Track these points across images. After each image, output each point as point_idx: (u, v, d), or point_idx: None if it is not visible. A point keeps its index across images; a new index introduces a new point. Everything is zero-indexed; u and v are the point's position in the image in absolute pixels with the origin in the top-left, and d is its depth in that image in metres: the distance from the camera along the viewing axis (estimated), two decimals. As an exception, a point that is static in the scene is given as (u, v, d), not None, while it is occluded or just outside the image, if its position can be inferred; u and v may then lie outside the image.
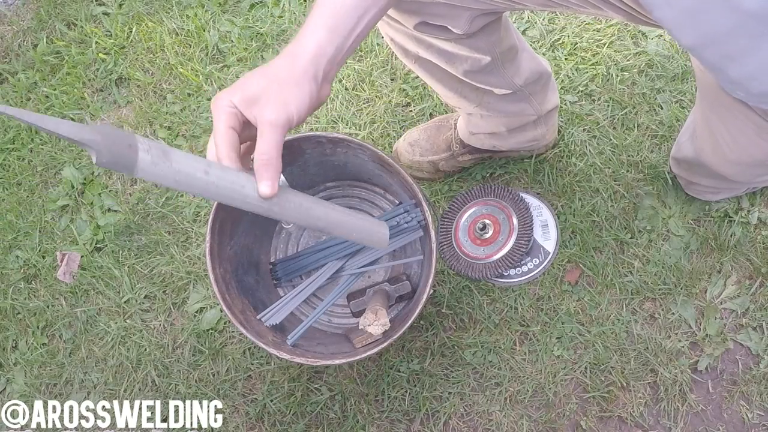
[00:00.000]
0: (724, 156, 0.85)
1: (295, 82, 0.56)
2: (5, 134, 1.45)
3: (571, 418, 1.09)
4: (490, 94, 0.98)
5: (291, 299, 1.06)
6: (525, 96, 1.01)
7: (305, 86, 0.56)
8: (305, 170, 1.05)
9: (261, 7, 1.46)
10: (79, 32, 1.52)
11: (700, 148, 0.93)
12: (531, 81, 0.99)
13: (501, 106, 1.02)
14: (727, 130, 0.80)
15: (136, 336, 1.23)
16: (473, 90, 0.98)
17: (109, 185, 1.37)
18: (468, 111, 1.06)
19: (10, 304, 1.30)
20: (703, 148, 0.92)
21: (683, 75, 1.25)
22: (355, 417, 1.13)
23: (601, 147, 1.22)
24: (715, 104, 0.80)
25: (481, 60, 0.87)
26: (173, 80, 1.43)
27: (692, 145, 0.96)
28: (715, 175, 0.94)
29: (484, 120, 1.07)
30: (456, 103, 1.03)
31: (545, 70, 1.02)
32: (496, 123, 1.07)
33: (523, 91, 0.99)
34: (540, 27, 1.32)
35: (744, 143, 0.79)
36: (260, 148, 0.54)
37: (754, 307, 1.11)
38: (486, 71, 0.91)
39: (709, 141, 0.87)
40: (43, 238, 1.35)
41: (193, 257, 1.27)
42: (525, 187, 1.22)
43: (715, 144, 0.85)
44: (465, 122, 1.13)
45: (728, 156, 0.84)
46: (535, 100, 1.03)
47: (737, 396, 1.07)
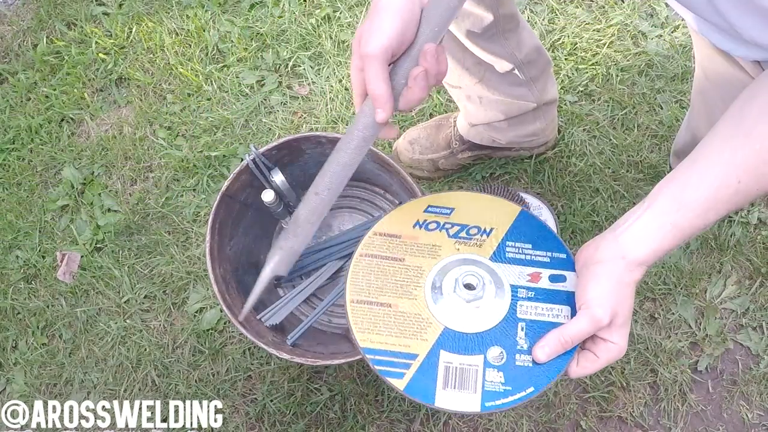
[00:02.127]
0: None
1: (385, 6, 0.55)
2: (5, 134, 1.45)
3: (571, 418, 1.09)
4: (491, 70, 0.99)
5: (291, 299, 1.06)
6: (525, 81, 1.02)
7: (392, 7, 0.55)
8: (305, 170, 1.05)
9: (261, 7, 1.46)
10: (79, 32, 1.52)
11: (696, 128, 0.93)
12: (531, 59, 0.99)
13: (502, 87, 1.03)
14: (723, 100, 0.80)
15: (136, 336, 1.23)
16: (475, 63, 0.98)
17: (109, 185, 1.37)
18: (468, 92, 1.06)
19: (10, 304, 1.30)
20: (699, 126, 0.92)
21: (683, 75, 1.25)
22: (355, 417, 1.13)
23: (601, 147, 1.22)
24: (712, 75, 0.80)
25: (483, 19, 0.89)
26: (173, 80, 1.43)
27: (689, 127, 0.97)
28: None
29: (484, 107, 1.07)
30: (457, 80, 1.03)
31: (545, 53, 1.03)
32: (495, 111, 1.07)
33: (523, 71, 1.00)
34: (540, 27, 1.32)
35: None
36: (368, 83, 0.56)
37: (754, 307, 1.11)
38: (487, 36, 0.92)
39: (705, 115, 0.88)
40: (43, 238, 1.35)
41: (193, 257, 1.27)
42: (525, 187, 1.22)
43: (711, 118, 0.86)
44: (464, 114, 1.13)
45: None
46: (535, 86, 1.04)
47: (737, 396, 1.07)
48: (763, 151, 0.50)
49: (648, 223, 0.55)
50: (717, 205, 0.52)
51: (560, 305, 0.62)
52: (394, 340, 0.61)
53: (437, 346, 0.60)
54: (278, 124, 1.34)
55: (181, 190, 1.33)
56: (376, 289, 0.64)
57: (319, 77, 1.37)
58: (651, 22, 1.31)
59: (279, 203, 0.99)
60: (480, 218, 0.68)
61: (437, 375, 0.59)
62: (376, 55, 0.54)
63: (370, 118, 0.58)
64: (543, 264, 0.65)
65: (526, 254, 0.66)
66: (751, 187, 0.51)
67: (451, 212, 0.68)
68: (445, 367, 0.59)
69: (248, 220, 1.05)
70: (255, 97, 1.37)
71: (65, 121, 1.45)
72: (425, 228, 0.67)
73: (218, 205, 0.94)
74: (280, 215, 1.06)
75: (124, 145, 1.39)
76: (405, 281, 0.64)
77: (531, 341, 0.60)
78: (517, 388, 0.58)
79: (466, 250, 0.66)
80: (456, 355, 0.60)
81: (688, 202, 0.53)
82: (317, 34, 1.40)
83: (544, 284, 0.63)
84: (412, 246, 0.66)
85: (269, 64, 1.40)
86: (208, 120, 1.37)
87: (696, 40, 0.81)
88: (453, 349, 0.60)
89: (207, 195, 1.31)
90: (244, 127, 1.36)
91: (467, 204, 0.69)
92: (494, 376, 0.59)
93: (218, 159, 1.33)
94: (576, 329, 0.56)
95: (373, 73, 0.55)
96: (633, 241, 0.55)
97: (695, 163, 0.53)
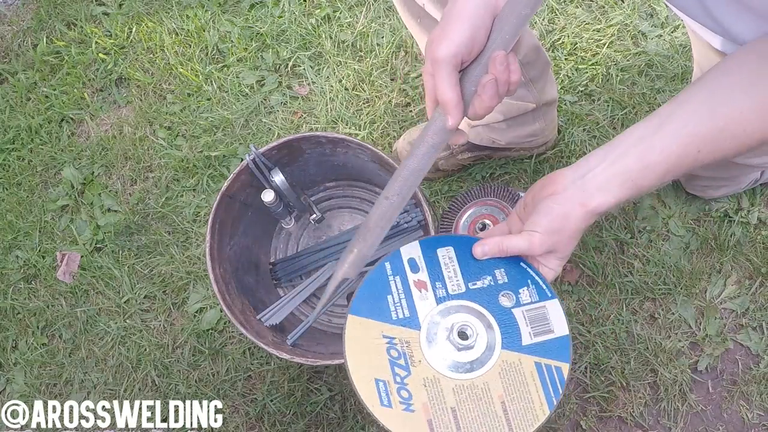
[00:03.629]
0: None
1: (456, 14, 0.56)
2: (5, 134, 1.45)
3: (571, 418, 1.09)
4: None
5: (291, 299, 1.06)
6: (524, 82, 1.02)
7: (466, 13, 0.56)
8: (305, 170, 1.05)
9: (261, 7, 1.46)
10: (79, 32, 1.52)
11: None
12: (530, 60, 0.99)
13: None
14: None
15: (136, 336, 1.23)
16: None
17: (109, 185, 1.37)
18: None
19: (10, 304, 1.30)
20: None
21: (683, 75, 1.25)
22: (355, 417, 1.13)
23: (601, 147, 1.22)
24: (708, 68, 0.81)
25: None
26: (173, 80, 1.43)
27: None
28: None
29: None
30: None
31: (544, 53, 1.03)
32: (494, 112, 1.07)
33: (522, 71, 1.00)
34: (540, 27, 1.32)
35: None
36: (436, 89, 0.57)
37: (754, 307, 1.11)
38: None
39: None
40: (43, 238, 1.35)
41: (193, 257, 1.27)
42: (525, 187, 1.22)
43: None
44: None
45: None
46: (535, 87, 1.04)
47: (737, 396, 1.08)
48: (726, 130, 0.54)
49: (612, 178, 0.57)
50: (675, 170, 0.56)
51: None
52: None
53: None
54: (278, 124, 1.34)
55: (181, 190, 1.33)
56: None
57: (319, 77, 1.37)
58: (651, 22, 1.31)
59: (279, 203, 0.99)
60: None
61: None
62: (446, 61, 0.55)
63: (440, 123, 0.59)
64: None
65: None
66: (708, 157, 0.56)
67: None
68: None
69: (248, 220, 1.05)
70: (255, 97, 1.37)
71: (65, 121, 1.45)
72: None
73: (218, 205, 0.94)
74: (280, 215, 1.06)
75: (124, 145, 1.39)
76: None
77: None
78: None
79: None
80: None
81: (651, 164, 0.56)
82: (317, 34, 1.40)
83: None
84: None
85: (269, 64, 1.40)
86: (208, 120, 1.37)
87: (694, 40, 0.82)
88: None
89: (207, 195, 1.31)
90: (244, 127, 1.36)
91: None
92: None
93: (218, 159, 1.33)
94: (514, 244, 0.62)
95: (442, 79, 0.56)
96: (596, 192, 0.58)
97: (662, 127, 0.56)
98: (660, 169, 0.56)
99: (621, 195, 0.57)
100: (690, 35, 0.83)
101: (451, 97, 0.56)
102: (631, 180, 0.57)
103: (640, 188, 0.57)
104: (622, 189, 0.57)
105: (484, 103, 0.57)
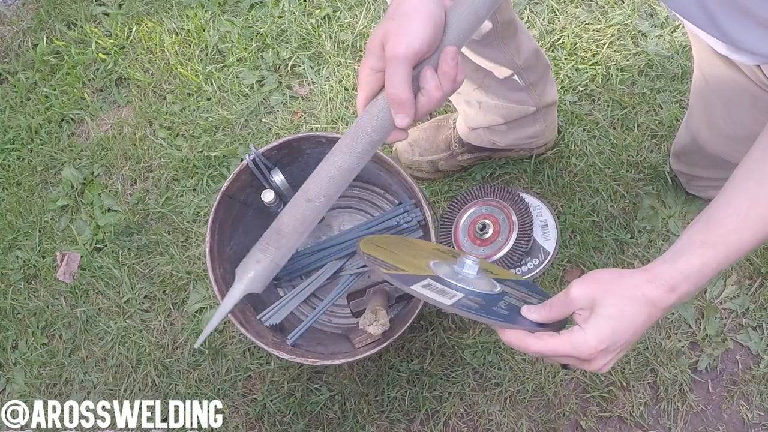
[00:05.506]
0: (719, 131, 0.85)
1: (413, 9, 0.54)
2: (5, 134, 1.45)
3: (571, 418, 1.09)
4: (490, 76, 0.98)
5: (291, 299, 1.06)
6: (525, 86, 1.02)
7: (424, 10, 0.54)
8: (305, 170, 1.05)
9: (261, 7, 1.46)
10: (79, 32, 1.52)
11: (696, 129, 0.93)
12: (530, 64, 0.99)
13: (501, 92, 1.02)
14: (723, 102, 0.80)
15: (136, 336, 1.23)
16: (474, 70, 0.98)
17: (108, 185, 1.37)
18: (467, 98, 1.05)
19: (10, 304, 1.30)
20: (698, 128, 0.92)
21: (683, 75, 1.25)
22: (355, 417, 1.13)
23: (601, 147, 1.22)
24: (711, 78, 0.80)
25: (482, 27, 0.88)
26: (173, 80, 1.43)
27: (688, 129, 0.97)
28: (713, 159, 0.94)
29: (483, 112, 1.07)
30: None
31: (544, 56, 1.03)
32: (494, 115, 1.07)
33: (522, 76, 1.00)
34: (540, 27, 1.32)
35: (739, 114, 0.79)
36: (387, 84, 0.55)
37: (754, 307, 1.11)
38: (486, 42, 0.91)
39: (705, 117, 0.87)
40: (43, 238, 1.35)
41: (193, 257, 1.27)
42: (525, 187, 1.22)
43: (710, 119, 0.85)
44: (463, 117, 1.13)
45: (724, 130, 0.84)
46: (535, 90, 1.04)
47: (737, 396, 1.08)
48: None
49: (677, 255, 0.56)
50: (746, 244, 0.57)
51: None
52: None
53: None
54: (278, 124, 1.34)
55: (181, 190, 1.33)
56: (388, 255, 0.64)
57: (319, 77, 1.37)
58: (651, 22, 1.31)
59: (279, 203, 0.99)
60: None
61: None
62: (406, 58, 0.53)
63: (380, 121, 0.56)
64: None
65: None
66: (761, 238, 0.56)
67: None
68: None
69: (248, 220, 1.05)
70: (255, 97, 1.37)
71: (65, 121, 1.45)
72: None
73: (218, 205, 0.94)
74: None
75: (124, 145, 1.39)
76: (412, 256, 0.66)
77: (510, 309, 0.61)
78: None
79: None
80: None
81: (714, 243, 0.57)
82: (317, 34, 1.40)
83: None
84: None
85: (269, 64, 1.40)
86: (208, 120, 1.37)
87: (694, 42, 0.81)
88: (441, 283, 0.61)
89: (207, 195, 1.31)
90: (244, 127, 1.36)
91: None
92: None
93: (218, 159, 1.33)
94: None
95: (399, 77, 0.54)
96: (660, 263, 0.56)
97: (716, 223, 0.58)
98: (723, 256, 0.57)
99: (691, 262, 0.57)
100: (690, 36, 0.83)
101: (408, 96, 0.55)
102: (699, 258, 0.57)
103: (712, 264, 0.57)
104: (693, 258, 0.57)
105: (429, 103, 0.56)
